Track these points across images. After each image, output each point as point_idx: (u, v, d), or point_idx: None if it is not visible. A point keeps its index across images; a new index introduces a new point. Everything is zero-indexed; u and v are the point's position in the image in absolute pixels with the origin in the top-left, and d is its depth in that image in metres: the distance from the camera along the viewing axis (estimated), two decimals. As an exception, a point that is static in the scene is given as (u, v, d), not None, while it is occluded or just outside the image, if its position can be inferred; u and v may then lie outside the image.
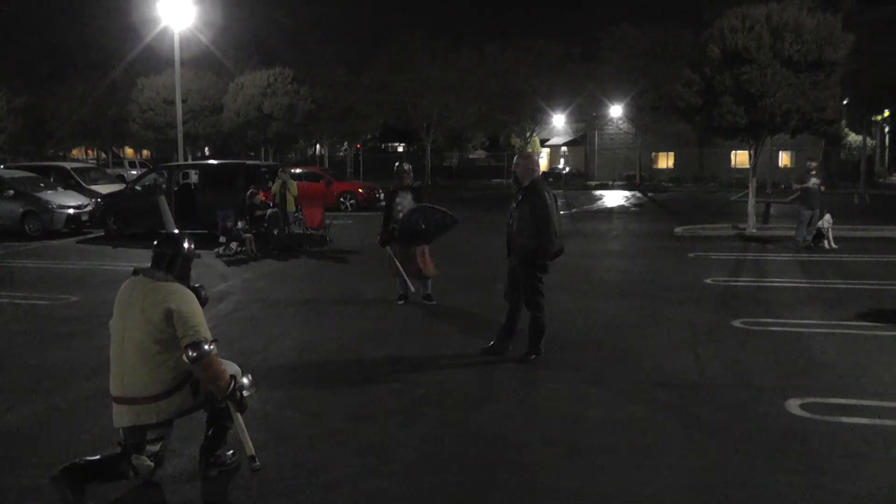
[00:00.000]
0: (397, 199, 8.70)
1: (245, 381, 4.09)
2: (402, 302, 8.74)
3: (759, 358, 6.41)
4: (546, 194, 6.10)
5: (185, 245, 4.04)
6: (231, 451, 4.27)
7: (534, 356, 6.30)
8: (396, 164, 9.16)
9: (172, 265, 3.96)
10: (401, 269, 8.62)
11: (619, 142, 47.10)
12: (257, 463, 3.93)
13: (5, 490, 4.06)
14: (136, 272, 4.01)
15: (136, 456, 3.86)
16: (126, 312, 3.88)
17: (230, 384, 3.85)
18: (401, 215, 8.53)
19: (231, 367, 4.09)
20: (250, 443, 3.94)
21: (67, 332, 7.64)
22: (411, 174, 8.97)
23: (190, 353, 3.67)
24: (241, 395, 3.94)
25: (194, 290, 3.99)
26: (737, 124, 15.56)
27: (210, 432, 4.13)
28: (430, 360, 6.42)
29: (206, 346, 3.70)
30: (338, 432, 4.82)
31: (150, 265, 4.01)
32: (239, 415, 3.94)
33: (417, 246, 8.52)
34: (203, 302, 4.00)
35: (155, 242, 4.09)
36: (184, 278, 4.00)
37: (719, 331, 7.41)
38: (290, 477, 4.17)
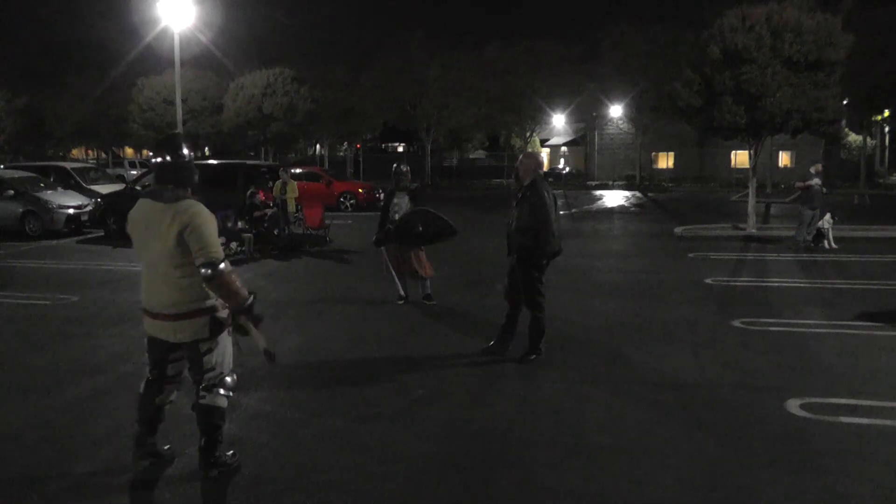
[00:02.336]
0: (395, 201, 8.69)
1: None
2: (402, 302, 8.74)
3: (759, 358, 6.41)
4: (546, 194, 6.09)
5: (181, 148, 3.96)
6: (231, 452, 4.28)
7: (534, 356, 6.30)
8: (395, 165, 9.10)
9: (168, 174, 3.92)
10: (393, 271, 8.68)
11: (619, 142, 47.10)
12: (273, 357, 4.02)
13: (5, 490, 4.06)
14: (146, 194, 4.01)
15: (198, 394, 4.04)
16: (145, 239, 3.92)
17: (247, 299, 3.90)
18: (397, 217, 8.53)
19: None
20: (263, 339, 3.99)
21: (67, 332, 7.64)
22: (409, 175, 8.93)
23: (204, 272, 3.73)
24: (254, 311, 3.96)
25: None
26: (737, 124, 15.57)
27: (203, 434, 4.08)
28: (430, 360, 6.42)
29: (221, 265, 3.74)
30: (338, 432, 4.82)
31: (155, 184, 3.95)
32: (252, 325, 3.97)
33: (412, 247, 8.51)
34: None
35: (153, 152, 4.01)
36: (190, 185, 3.97)
37: (719, 331, 7.41)
38: (290, 477, 4.17)
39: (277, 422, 5.02)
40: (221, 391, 4.04)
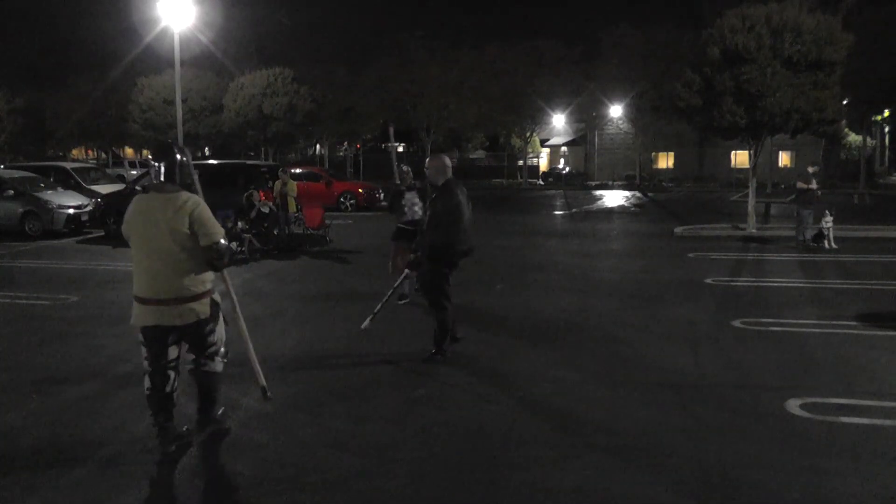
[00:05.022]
0: (407, 196, 8.93)
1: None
2: (403, 302, 8.74)
3: (759, 358, 6.41)
4: (458, 193, 6.19)
5: (178, 154, 4.41)
6: (221, 411, 4.74)
7: (440, 357, 6.31)
8: (396, 164, 9.39)
9: (173, 174, 4.36)
10: (397, 271, 8.61)
11: (619, 142, 47.10)
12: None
13: (4, 490, 4.06)
14: (146, 189, 4.43)
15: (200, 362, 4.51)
16: (147, 225, 4.25)
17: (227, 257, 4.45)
18: (415, 209, 8.75)
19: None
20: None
21: (67, 332, 7.64)
22: (410, 175, 9.18)
23: (213, 248, 4.28)
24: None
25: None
26: (737, 124, 15.57)
27: (203, 395, 4.58)
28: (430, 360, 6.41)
29: (223, 242, 4.34)
30: (338, 432, 4.82)
31: (161, 180, 4.36)
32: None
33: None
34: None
35: (151, 157, 4.53)
36: (189, 184, 4.46)
37: (719, 331, 7.41)
38: (290, 477, 4.17)
39: (277, 422, 5.02)
40: (218, 358, 4.57)
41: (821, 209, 13.81)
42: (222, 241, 4.33)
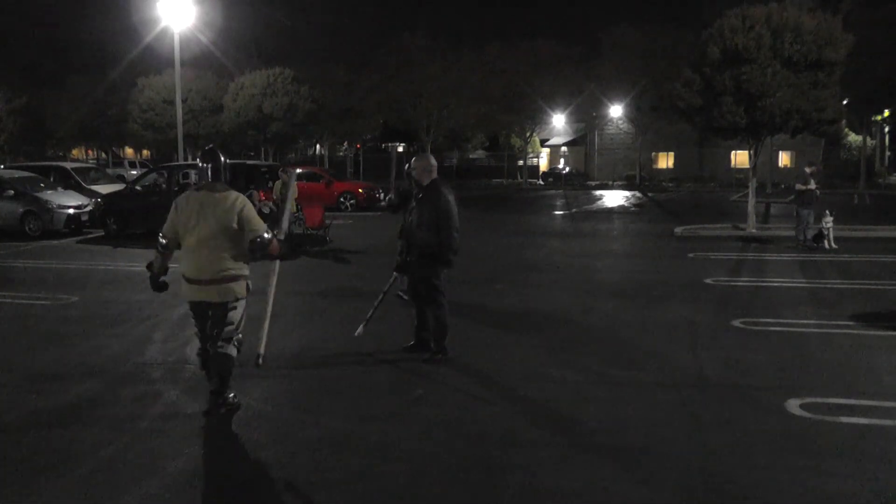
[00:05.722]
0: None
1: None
2: (407, 297, 8.55)
3: (759, 358, 6.41)
4: (446, 192, 6.22)
5: (222, 157, 5.16)
6: (232, 395, 5.15)
7: (440, 356, 6.31)
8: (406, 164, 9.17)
9: (220, 175, 5.09)
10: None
11: (619, 142, 47.12)
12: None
13: (4, 490, 4.06)
14: (199, 188, 5.10)
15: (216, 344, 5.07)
16: (199, 218, 4.94)
17: (280, 250, 5.34)
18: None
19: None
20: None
21: (67, 332, 7.64)
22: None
23: (257, 241, 5.01)
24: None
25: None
26: (737, 124, 15.57)
27: (217, 376, 5.02)
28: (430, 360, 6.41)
29: (267, 235, 5.05)
30: (338, 432, 4.82)
31: (210, 180, 5.06)
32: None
33: None
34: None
35: (200, 160, 5.12)
36: (233, 182, 5.26)
37: (719, 331, 7.41)
38: (290, 477, 4.17)
39: (277, 422, 5.02)
40: (234, 344, 5.09)
41: (820, 209, 13.81)
42: (265, 234, 5.03)
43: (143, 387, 5.77)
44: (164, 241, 5.11)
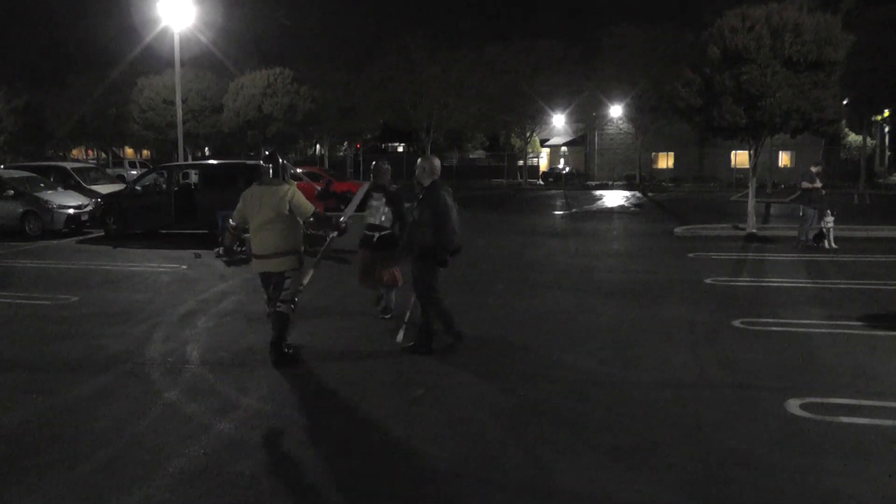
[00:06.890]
0: (371, 203, 8.08)
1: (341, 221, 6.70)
2: (387, 316, 8.01)
3: (759, 358, 6.41)
4: (445, 194, 6.39)
5: (280, 158, 6.43)
6: (287, 345, 6.33)
7: (458, 343, 6.60)
8: (374, 162, 8.47)
9: (278, 173, 6.32)
10: (380, 276, 7.94)
11: (619, 142, 47.14)
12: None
13: (5, 490, 4.06)
14: (261, 183, 6.32)
15: (276, 304, 6.28)
16: (261, 207, 6.18)
17: (337, 224, 6.64)
18: (371, 219, 8.05)
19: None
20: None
21: (67, 332, 7.64)
22: (388, 174, 8.27)
23: (310, 220, 6.33)
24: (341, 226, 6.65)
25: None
26: (737, 124, 15.55)
27: (276, 330, 6.22)
28: (430, 360, 6.42)
29: (317, 213, 6.31)
30: (338, 432, 4.83)
31: (270, 177, 6.30)
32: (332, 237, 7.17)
33: (388, 257, 7.85)
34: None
35: (263, 161, 6.45)
36: (287, 178, 6.40)
37: (719, 331, 7.41)
38: (290, 477, 4.17)
39: (277, 422, 5.02)
40: (290, 305, 6.23)
41: (824, 208, 13.81)
42: (315, 213, 6.29)
43: (143, 387, 5.77)
44: (233, 223, 6.51)
